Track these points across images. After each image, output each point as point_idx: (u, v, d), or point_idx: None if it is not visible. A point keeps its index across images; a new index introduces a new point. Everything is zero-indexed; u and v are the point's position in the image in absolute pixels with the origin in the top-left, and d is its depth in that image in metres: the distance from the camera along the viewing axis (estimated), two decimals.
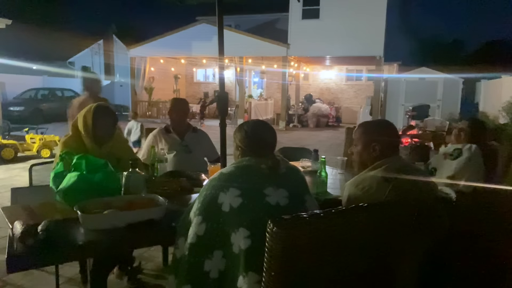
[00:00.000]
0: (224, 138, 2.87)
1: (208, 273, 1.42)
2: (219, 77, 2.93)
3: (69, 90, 16.88)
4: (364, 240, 1.28)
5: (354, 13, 13.30)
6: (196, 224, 1.48)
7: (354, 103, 18.17)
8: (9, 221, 1.58)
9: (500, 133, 6.08)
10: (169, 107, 3.13)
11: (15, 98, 15.10)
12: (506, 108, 8.83)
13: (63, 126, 11.08)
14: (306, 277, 1.20)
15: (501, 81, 12.12)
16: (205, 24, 14.45)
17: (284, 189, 1.50)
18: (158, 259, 3.00)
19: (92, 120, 2.30)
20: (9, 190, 2.19)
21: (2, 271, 1.47)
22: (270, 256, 1.14)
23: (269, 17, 19.12)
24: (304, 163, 2.97)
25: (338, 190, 2.30)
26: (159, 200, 1.78)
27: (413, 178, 1.63)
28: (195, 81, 20.52)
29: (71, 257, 1.67)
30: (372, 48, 13.36)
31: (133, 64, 15.86)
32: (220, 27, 2.73)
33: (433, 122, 9.25)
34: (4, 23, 9.03)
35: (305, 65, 17.92)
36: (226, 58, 13.52)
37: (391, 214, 1.37)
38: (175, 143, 2.99)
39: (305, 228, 1.16)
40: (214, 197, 1.47)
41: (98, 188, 1.82)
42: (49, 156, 7.24)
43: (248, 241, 1.37)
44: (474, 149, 2.63)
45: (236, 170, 1.54)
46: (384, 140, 1.74)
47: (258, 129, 1.68)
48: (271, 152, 1.65)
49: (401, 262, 1.40)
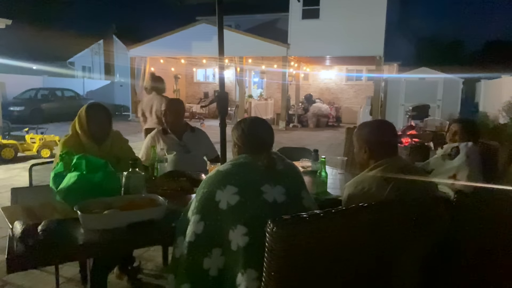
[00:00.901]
0: (224, 138, 2.88)
1: (208, 271, 1.42)
2: (219, 77, 2.93)
3: (69, 90, 16.89)
4: (364, 240, 1.28)
5: (354, 13, 13.29)
6: (194, 223, 1.48)
7: (354, 103, 18.16)
8: (9, 221, 1.58)
9: (500, 133, 6.08)
10: (163, 109, 3.11)
11: (15, 98, 15.09)
12: (506, 108, 8.83)
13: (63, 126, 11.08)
14: (306, 277, 1.20)
15: (501, 81, 12.13)
16: (205, 24, 14.45)
17: (281, 186, 1.51)
18: (158, 259, 3.00)
19: (85, 117, 2.34)
20: (9, 190, 2.19)
21: (2, 271, 1.47)
22: (270, 256, 1.14)
23: (269, 17, 19.11)
24: (304, 163, 2.97)
25: (338, 190, 2.30)
26: (159, 200, 1.78)
27: (412, 178, 1.63)
28: (195, 81, 20.52)
29: (71, 257, 1.67)
30: (372, 48, 13.35)
31: (133, 64, 15.85)
32: (220, 27, 2.74)
33: (433, 122, 9.25)
34: (4, 23, 9.03)
35: (305, 65, 17.91)
36: (226, 58, 13.50)
37: (391, 214, 1.37)
38: (174, 143, 2.98)
39: (305, 228, 1.16)
40: (211, 195, 1.48)
41: (98, 188, 1.82)
42: (49, 156, 7.24)
43: (246, 238, 1.37)
44: (470, 145, 2.66)
45: (233, 167, 1.54)
46: (375, 141, 1.75)
47: (255, 127, 1.68)
48: (268, 149, 1.66)
49: (401, 262, 1.40)
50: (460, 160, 2.62)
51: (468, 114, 12.38)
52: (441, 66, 14.90)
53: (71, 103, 15.24)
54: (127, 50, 16.42)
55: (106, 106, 2.52)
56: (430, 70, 13.72)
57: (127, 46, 16.71)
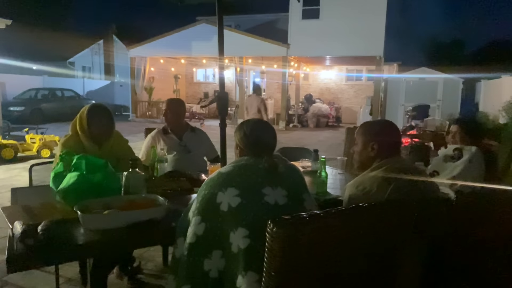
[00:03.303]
0: (224, 138, 2.88)
1: (208, 273, 1.42)
2: (219, 77, 2.93)
3: (69, 90, 16.89)
4: (364, 240, 1.28)
5: (354, 13, 13.29)
6: (195, 224, 1.48)
7: (354, 103, 18.16)
8: (9, 221, 1.58)
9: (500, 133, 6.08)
10: (164, 109, 3.11)
11: (15, 98, 15.09)
12: (506, 108, 8.82)
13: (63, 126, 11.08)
14: (306, 277, 1.20)
15: (501, 81, 12.13)
16: (205, 24, 14.45)
17: (283, 188, 1.50)
18: (158, 259, 3.00)
19: (86, 120, 2.32)
20: (9, 190, 2.19)
21: (2, 271, 1.48)
22: (270, 256, 1.14)
23: (269, 17, 19.11)
24: (304, 163, 2.97)
25: (338, 190, 2.30)
26: (159, 200, 1.78)
27: (414, 179, 1.63)
28: (195, 81, 20.52)
29: (71, 257, 1.67)
30: (372, 48, 13.36)
31: (133, 64, 15.86)
32: (220, 27, 2.74)
33: (433, 122, 9.24)
34: (4, 23, 9.04)
35: (305, 65, 17.91)
36: (226, 58, 13.51)
37: (391, 214, 1.37)
38: (174, 143, 2.98)
39: (305, 228, 1.16)
40: (212, 196, 1.47)
41: (98, 188, 1.82)
42: (49, 156, 7.23)
43: (247, 240, 1.37)
44: (474, 150, 2.62)
45: (234, 169, 1.53)
46: (383, 140, 1.75)
47: (257, 130, 1.67)
48: (270, 152, 1.65)
49: (401, 262, 1.40)
50: (462, 164, 2.60)
51: (468, 114, 12.36)
52: (441, 66, 14.91)
53: (71, 103, 15.25)
54: (127, 50, 16.42)
55: (108, 108, 2.49)
56: (430, 70, 13.72)
57: (127, 46, 16.72)
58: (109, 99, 19.44)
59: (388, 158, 1.72)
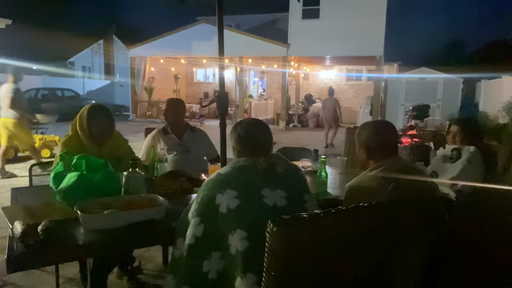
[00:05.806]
0: (224, 138, 2.87)
1: (207, 274, 1.42)
2: (219, 77, 2.93)
3: (69, 90, 16.89)
4: (364, 240, 1.28)
5: (354, 13, 13.29)
6: (194, 225, 1.47)
7: (354, 103, 18.16)
8: (9, 221, 1.58)
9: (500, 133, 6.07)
10: (164, 108, 3.11)
11: None
12: (506, 108, 8.83)
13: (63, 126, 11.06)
14: (306, 277, 1.20)
15: (501, 81, 12.13)
16: (205, 24, 14.45)
17: (282, 189, 1.49)
18: (158, 259, 3.00)
19: (86, 120, 2.32)
20: (9, 190, 2.18)
21: (2, 271, 1.47)
22: (270, 256, 1.14)
23: (269, 17, 19.11)
24: (304, 163, 2.97)
25: (338, 190, 2.30)
26: (159, 200, 1.78)
27: (413, 178, 1.63)
28: (195, 81, 20.51)
29: (71, 257, 1.67)
30: (372, 48, 13.36)
31: (133, 64, 15.86)
32: (220, 27, 2.73)
33: (433, 122, 9.23)
34: (4, 23, 9.03)
35: (305, 65, 17.91)
36: (226, 58, 13.51)
37: (391, 214, 1.37)
38: (174, 143, 2.98)
39: (305, 228, 1.16)
40: (211, 198, 1.47)
41: (98, 188, 1.82)
42: (49, 156, 7.23)
43: (245, 242, 1.36)
44: (473, 150, 2.62)
45: (233, 170, 1.53)
46: (373, 142, 1.75)
47: (251, 129, 1.66)
48: (267, 151, 1.64)
49: (401, 262, 1.40)
50: (461, 165, 2.59)
51: (468, 114, 12.35)
52: (441, 66, 14.90)
53: (71, 103, 15.24)
54: (127, 50, 16.43)
55: (108, 108, 2.49)
56: (430, 70, 13.71)
57: (127, 46, 16.72)
58: (109, 99, 19.44)
59: (386, 158, 1.72)
